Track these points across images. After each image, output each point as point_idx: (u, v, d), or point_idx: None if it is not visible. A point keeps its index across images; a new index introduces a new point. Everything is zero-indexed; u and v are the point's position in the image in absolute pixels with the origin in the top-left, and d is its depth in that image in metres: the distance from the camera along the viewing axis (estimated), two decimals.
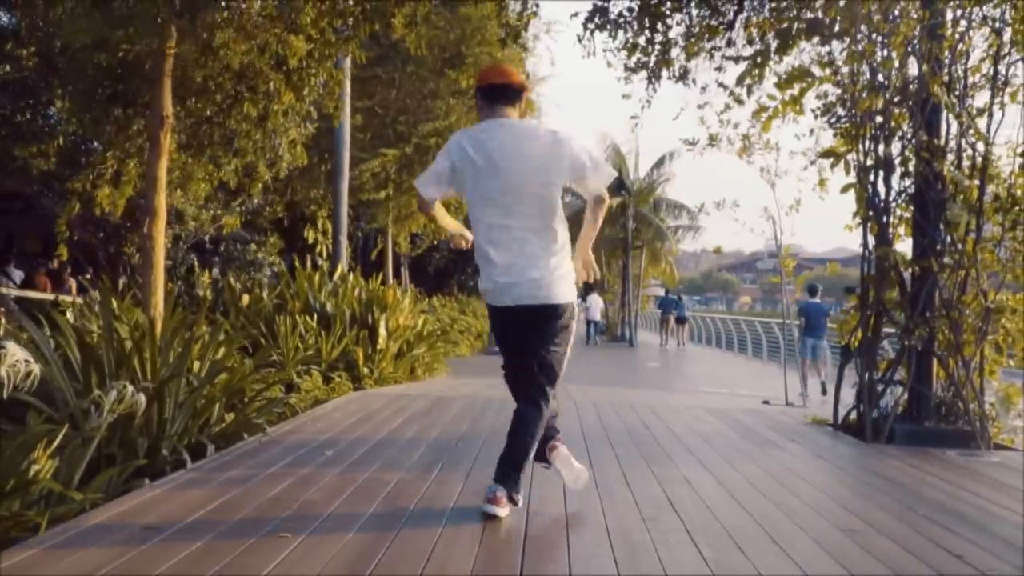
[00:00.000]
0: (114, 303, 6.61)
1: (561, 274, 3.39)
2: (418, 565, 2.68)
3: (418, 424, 5.69)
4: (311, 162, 12.17)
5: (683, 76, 7.16)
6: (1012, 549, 3.25)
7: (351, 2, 7.78)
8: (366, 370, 8.86)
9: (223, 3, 6.49)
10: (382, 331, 9.43)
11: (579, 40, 6.68)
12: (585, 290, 34.02)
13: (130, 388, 3.96)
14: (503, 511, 3.23)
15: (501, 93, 3.49)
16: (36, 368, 3.51)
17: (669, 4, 6.86)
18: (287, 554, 2.75)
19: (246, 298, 9.24)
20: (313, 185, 14.88)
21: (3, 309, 8.28)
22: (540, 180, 3.35)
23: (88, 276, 10.75)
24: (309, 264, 12.02)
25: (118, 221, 10.73)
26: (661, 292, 35.96)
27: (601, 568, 2.78)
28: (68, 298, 9.29)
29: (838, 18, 5.87)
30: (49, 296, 10.68)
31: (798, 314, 15.57)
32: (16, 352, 3.44)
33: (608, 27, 6.71)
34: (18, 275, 11.31)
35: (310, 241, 16.10)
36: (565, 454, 3.62)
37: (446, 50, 15.15)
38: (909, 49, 5.78)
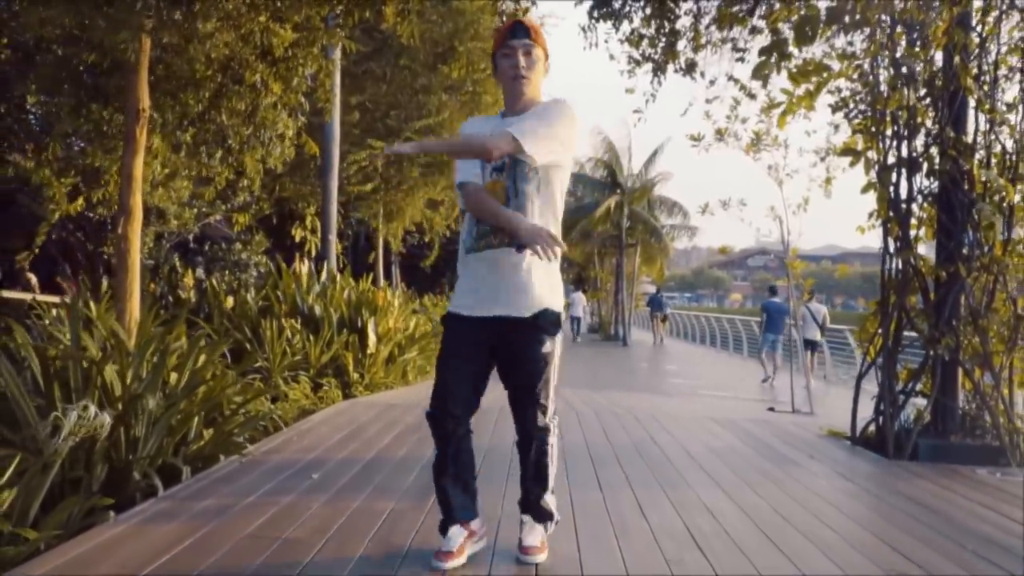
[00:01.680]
0: (92, 307, 6.23)
1: None
2: None
3: (410, 441, 5.30)
4: (301, 158, 11.79)
5: (690, 69, 6.79)
6: None
7: None
8: (356, 376, 8.48)
9: None
10: (371, 335, 9.05)
11: (583, 31, 6.29)
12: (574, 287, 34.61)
13: (92, 408, 3.58)
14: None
15: None
16: None
17: None
18: None
19: (230, 300, 8.84)
20: (303, 181, 14.48)
21: None
22: None
23: (67, 274, 10.33)
24: (297, 262, 11.69)
25: (99, 218, 10.29)
26: (653, 290, 35.91)
27: None
28: (26, 296, 8.88)
29: (859, 6, 5.49)
30: (24, 296, 10.25)
31: (760, 312, 15.97)
32: None
33: (613, 17, 6.33)
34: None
35: (298, 239, 15.69)
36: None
37: (439, 44, 14.77)
38: (931, 41, 5.41)
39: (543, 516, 3.05)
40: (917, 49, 5.40)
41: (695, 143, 7.72)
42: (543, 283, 2.90)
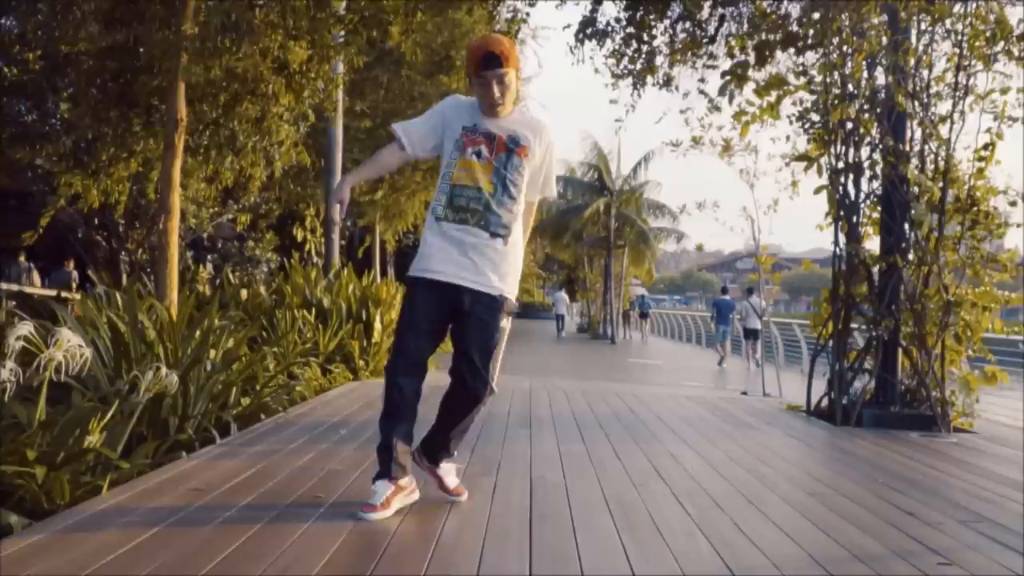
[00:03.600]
0: (118, 297, 6.97)
1: None
2: (442, 515, 3.08)
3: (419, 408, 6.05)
4: (302, 163, 12.54)
5: (667, 83, 7.59)
6: (956, 508, 3.69)
7: (349, 11, 8.18)
8: (362, 362, 9.22)
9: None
10: (377, 325, 9.80)
11: (570, 50, 7.11)
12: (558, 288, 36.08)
13: (164, 369, 4.33)
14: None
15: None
16: (88, 352, 3.87)
17: (654, 15, 7.28)
18: (323, 510, 3.12)
19: (244, 293, 9.59)
20: (305, 185, 15.21)
21: (12, 303, 8.57)
22: None
23: (87, 272, 11.04)
24: (297, 259, 12.41)
25: (120, 220, 11.01)
26: (642, 291, 36.97)
27: (600, 523, 3.18)
28: (35, 290, 9.58)
29: (811, 32, 6.31)
30: (49, 292, 10.97)
31: (712, 307, 18.61)
32: (71, 337, 3.80)
33: (597, 36, 7.13)
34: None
35: (299, 239, 16.44)
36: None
37: (436, 53, 15.50)
38: (877, 61, 6.23)
39: (451, 458, 3.51)
40: (857, 69, 6.20)
41: (674, 148, 8.52)
42: (511, 268, 3.20)
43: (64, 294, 9.97)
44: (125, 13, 7.78)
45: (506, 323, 3.30)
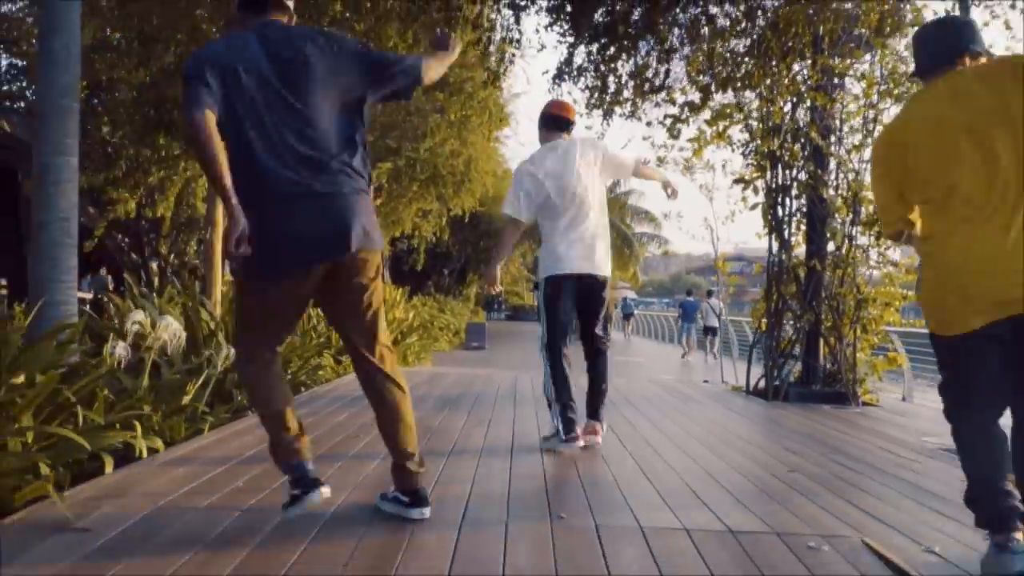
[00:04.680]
0: (157, 299, 8.26)
1: None
2: (448, 443, 4.39)
3: (424, 388, 7.38)
4: None
5: (632, 113, 8.92)
6: (852, 459, 5.01)
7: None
8: None
9: None
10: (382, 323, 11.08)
11: (549, 91, 8.44)
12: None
13: (232, 350, 5.62)
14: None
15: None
16: (184, 335, 5.16)
17: (623, 56, 8.61)
18: (364, 444, 4.42)
19: None
20: None
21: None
22: None
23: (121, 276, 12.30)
24: None
25: (149, 231, 12.27)
26: (631, 294, 38.66)
27: (568, 472, 4.47)
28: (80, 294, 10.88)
29: (746, 74, 7.65)
30: (86, 295, 12.21)
31: (679, 308, 22.14)
32: (172, 323, 5.09)
33: (571, 76, 8.47)
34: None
35: None
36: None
37: None
38: (798, 101, 7.58)
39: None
40: (781, 108, 7.55)
41: (643, 165, 9.84)
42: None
43: (101, 296, 11.26)
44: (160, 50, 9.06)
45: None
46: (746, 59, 7.78)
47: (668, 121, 7.57)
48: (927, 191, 2.67)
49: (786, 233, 7.86)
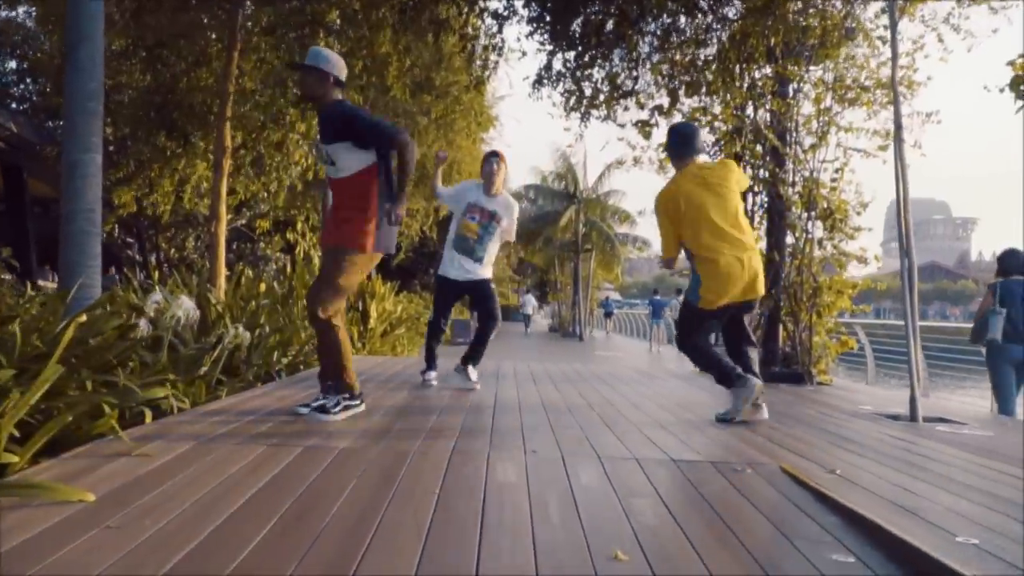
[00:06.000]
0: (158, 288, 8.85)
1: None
2: (461, 412, 5.01)
3: (415, 369, 7.98)
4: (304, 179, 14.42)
5: (608, 116, 9.57)
6: (783, 416, 5.66)
7: (352, 55, 10.09)
8: (359, 345, 11.11)
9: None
10: (373, 313, 11.69)
11: (529, 95, 9.09)
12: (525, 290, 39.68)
13: (240, 328, 6.22)
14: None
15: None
16: (197, 313, 5.75)
17: (598, 62, 9.26)
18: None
19: (263, 285, 11.43)
20: (294, 197, 17.04)
21: None
22: None
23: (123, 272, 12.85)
24: (301, 258, 14.32)
25: (150, 227, 12.83)
26: (616, 295, 39.94)
27: (537, 414, 5.10)
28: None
29: (711, 81, 8.31)
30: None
31: (649, 305, 24.05)
32: (186, 302, 5.67)
33: (551, 81, 9.11)
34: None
35: (292, 242, 18.30)
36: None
37: (417, 75, 17.39)
38: (759, 105, 8.25)
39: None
40: (736, 114, 8.22)
41: (619, 165, 10.53)
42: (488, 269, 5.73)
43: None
44: (167, 57, 9.67)
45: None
46: (710, 66, 8.44)
47: (639, 124, 8.24)
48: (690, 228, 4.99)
49: (752, 226, 8.51)
